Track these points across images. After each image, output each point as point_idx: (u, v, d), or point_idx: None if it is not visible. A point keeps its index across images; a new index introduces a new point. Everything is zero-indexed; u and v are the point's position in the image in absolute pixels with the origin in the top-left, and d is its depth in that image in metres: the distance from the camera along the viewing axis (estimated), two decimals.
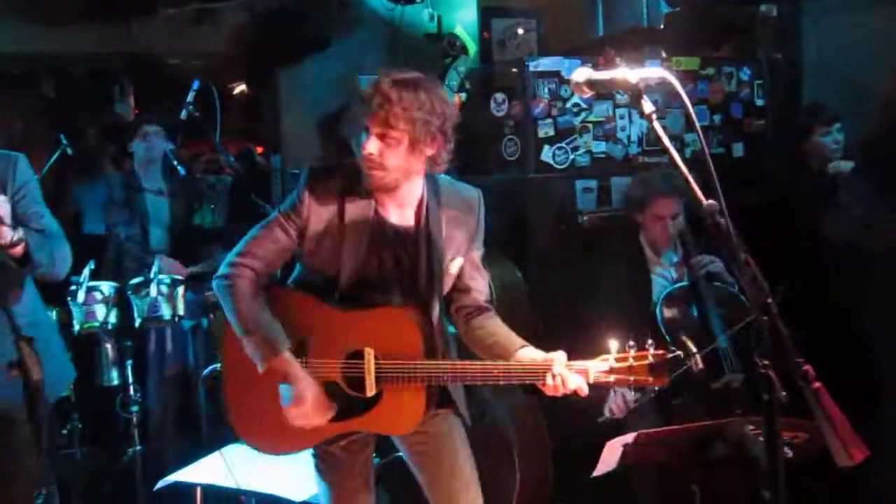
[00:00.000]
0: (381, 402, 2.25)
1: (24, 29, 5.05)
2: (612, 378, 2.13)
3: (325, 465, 2.40)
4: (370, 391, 2.23)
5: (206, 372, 3.77)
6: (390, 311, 2.29)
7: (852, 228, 3.38)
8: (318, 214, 2.28)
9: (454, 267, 2.36)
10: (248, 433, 2.40)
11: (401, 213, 2.34)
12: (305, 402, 2.23)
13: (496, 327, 2.38)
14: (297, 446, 2.38)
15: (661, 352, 2.12)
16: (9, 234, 2.38)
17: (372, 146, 2.17)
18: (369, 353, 2.23)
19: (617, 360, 2.13)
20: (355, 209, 2.28)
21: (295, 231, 2.29)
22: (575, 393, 2.13)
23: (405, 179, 2.25)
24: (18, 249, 2.41)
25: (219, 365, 3.83)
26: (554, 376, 2.12)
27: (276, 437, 2.36)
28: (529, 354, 2.24)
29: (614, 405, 3.21)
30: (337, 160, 2.40)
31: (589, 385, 2.13)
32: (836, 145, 3.93)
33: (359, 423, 2.29)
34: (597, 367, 2.13)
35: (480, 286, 2.43)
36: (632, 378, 2.13)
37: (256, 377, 2.27)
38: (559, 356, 2.16)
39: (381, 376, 2.23)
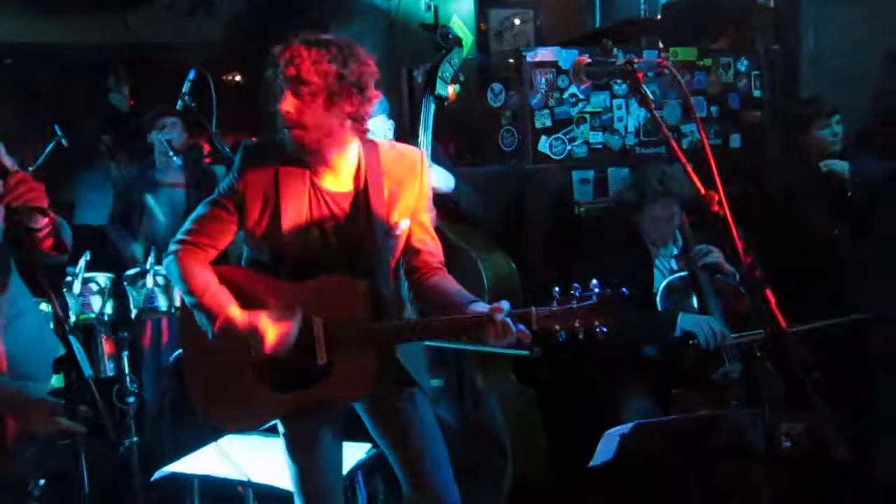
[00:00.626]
0: (335, 369, 2.28)
1: (20, 18, 5.03)
2: (556, 324, 2.10)
3: (295, 437, 2.41)
4: (322, 359, 2.26)
5: (171, 357, 3.78)
6: (335, 278, 2.31)
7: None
8: (255, 188, 2.30)
9: (400, 230, 2.37)
10: (212, 413, 2.42)
11: (337, 181, 2.34)
12: (275, 327, 2.24)
13: (447, 286, 2.39)
14: (263, 418, 2.42)
15: (606, 290, 2.08)
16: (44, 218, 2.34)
17: (287, 104, 2.18)
18: (317, 321, 2.25)
19: (560, 302, 2.10)
20: (290, 180, 2.30)
21: (234, 206, 2.33)
22: (520, 340, 2.13)
23: (328, 140, 2.24)
24: (48, 233, 2.40)
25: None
26: (495, 323, 2.12)
27: (241, 412, 2.39)
28: (479, 308, 2.24)
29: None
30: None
31: (533, 331, 2.13)
32: (835, 138, 3.93)
33: (316, 392, 2.31)
34: (540, 312, 2.11)
35: (431, 248, 2.44)
36: (577, 322, 2.09)
37: (214, 351, 2.32)
38: (502, 305, 2.14)
39: (331, 343, 2.26)
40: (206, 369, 2.39)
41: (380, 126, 3.47)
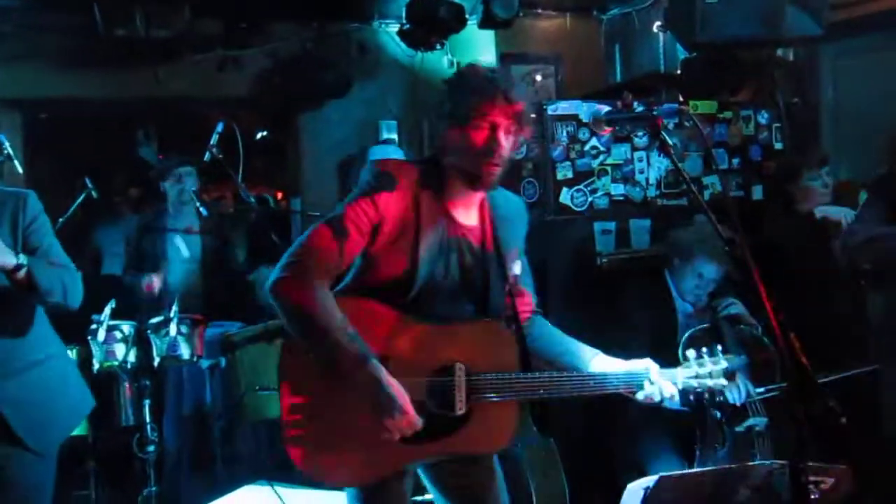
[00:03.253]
0: (472, 420, 2.09)
1: (53, 74, 5.18)
2: (696, 383, 2.22)
3: (374, 500, 2.15)
4: (461, 409, 2.09)
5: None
6: (482, 324, 2.16)
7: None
8: (394, 212, 2.08)
9: (515, 272, 2.24)
10: (319, 462, 2.11)
11: (467, 214, 2.19)
12: (406, 408, 1.99)
13: (560, 335, 2.30)
14: (382, 470, 2.12)
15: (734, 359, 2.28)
16: (11, 260, 2.39)
17: (507, 142, 2.06)
18: (460, 369, 2.09)
19: (699, 365, 2.22)
20: (430, 206, 2.11)
21: (368, 226, 2.07)
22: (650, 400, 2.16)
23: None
24: (22, 276, 2.42)
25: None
26: (652, 383, 2.14)
27: (357, 463, 2.09)
28: (606, 362, 2.21)
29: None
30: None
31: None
32: (825, 189, 3.89)
33: (448, 444, 2.11)
34: (685, 374, 2.21)
35: (531, 291, 2.34)
36: (710, 382, 2.22)
37: (328, 393, 2.05)
38: (652, 363, 2.16)
39: (472, 393, 2.09)
40: (317, 413, 2.10)
41: None
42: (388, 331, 2.08)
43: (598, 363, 2.21)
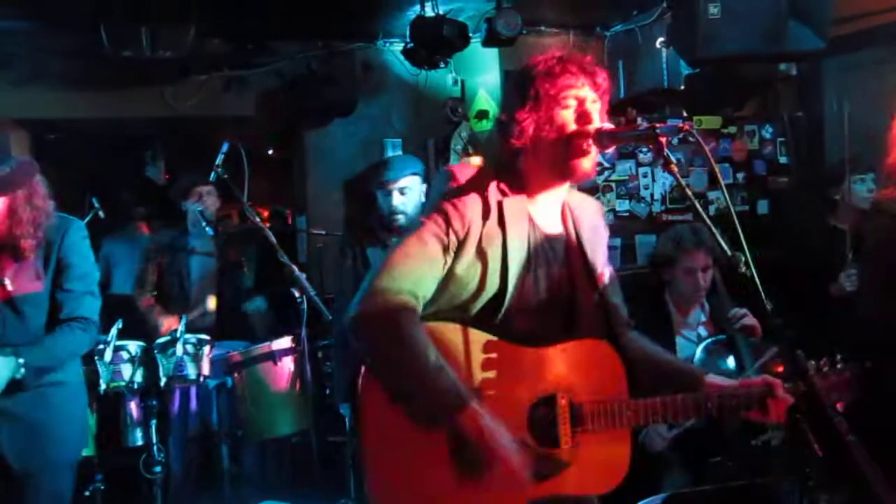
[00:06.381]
0: (579, 457, 1.85)
1: (59, 94, 5.22)
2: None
3: None
4: (566, 445, 1.85)
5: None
6: (581, 344, 1.88)
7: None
8: (480, 220, 1.84)
9: (604, 282, 2.00)
10: None
11: (551, 220, 1.96)
12: (512, 457, 1.72)
13: (664, 352, 2.06)
14: None
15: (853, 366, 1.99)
16: (5, 373, 2.45)
17: (596, 114, 1.86)
18: (562, 401, 1.83)
19: (821, 374, 1.97)
20: (515, 216, 1.87)
21: (454, 243, 1.82)
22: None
23: None
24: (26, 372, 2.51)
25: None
26: (777, 397, 1.85)
27: None
28: (716, 379, 1.94)
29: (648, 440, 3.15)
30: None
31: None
32: (868, 194, 3.91)
33: (553, 486, 1.84)
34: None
35: (621, 301, 2.08)
36: (833, 395, 1.96)
37: (419, 444, 1.77)
38: (775, 380, 1.88)
39: (577, 425, 1.84)
40: (403, 461, 1.81)
41: (416, 188, 3.52)
42: (477, 359, 1.81)
43: (714, 380, 1.95)
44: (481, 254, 1.84)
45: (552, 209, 1.96)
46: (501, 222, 1.85)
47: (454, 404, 1.71)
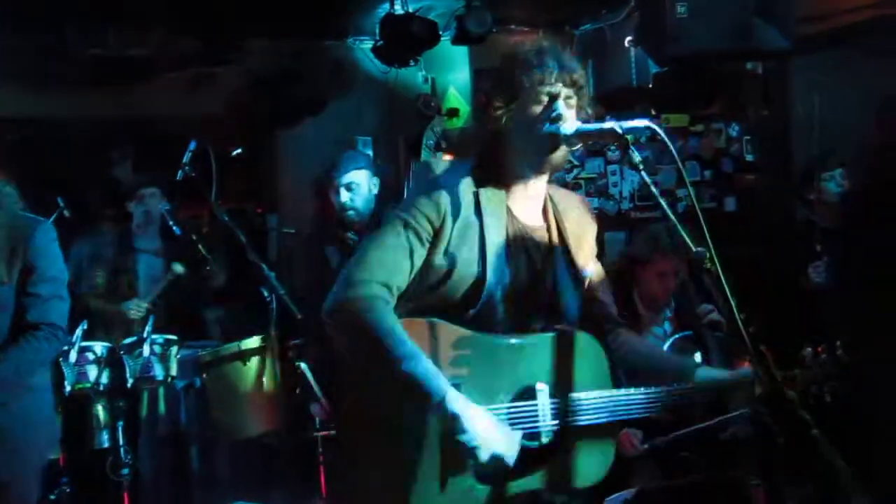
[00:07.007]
0: (562, 449, 1.84)
1: (25, 93, 5.13)
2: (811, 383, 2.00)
3: None
4: (545, 438, 1.84)
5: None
6: (561, 335, 1.88)
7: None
8: (454, 214, 1.84)
9: (587, 275, 2.00)
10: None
11: (531, 211, 1.96)
12: (497, 432, 1.73)
13: (653, 346, 2.12)
14: None
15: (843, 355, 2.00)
16: None
17: (572, 116, 1.85)
18: (542, 391, 1.83)
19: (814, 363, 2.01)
20: (492, 207, 1.88)
21: (429, 235, 1.84)
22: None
23: None
24: None
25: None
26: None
27: None
28: (710, 372, 1.98)
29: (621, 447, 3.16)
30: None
31: None
32: (837, 189, 3.96)
33: (537, 479, 1.84)
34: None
35: (609, 298, 2.10)
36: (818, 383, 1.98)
37: (398, 441, 1.77)
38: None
39: (560, 417, 1.84)
40: (380, 453, 1.81)
41: (364, 181, 3.54)
42: (456, 351, 1.80)
43: (704, 374, 1.97)
44: (458, 242, 1.85)
45: (532, 202, 1.97)
46: (478, 211, 1.86)
47: (433, 391, 1.71)
